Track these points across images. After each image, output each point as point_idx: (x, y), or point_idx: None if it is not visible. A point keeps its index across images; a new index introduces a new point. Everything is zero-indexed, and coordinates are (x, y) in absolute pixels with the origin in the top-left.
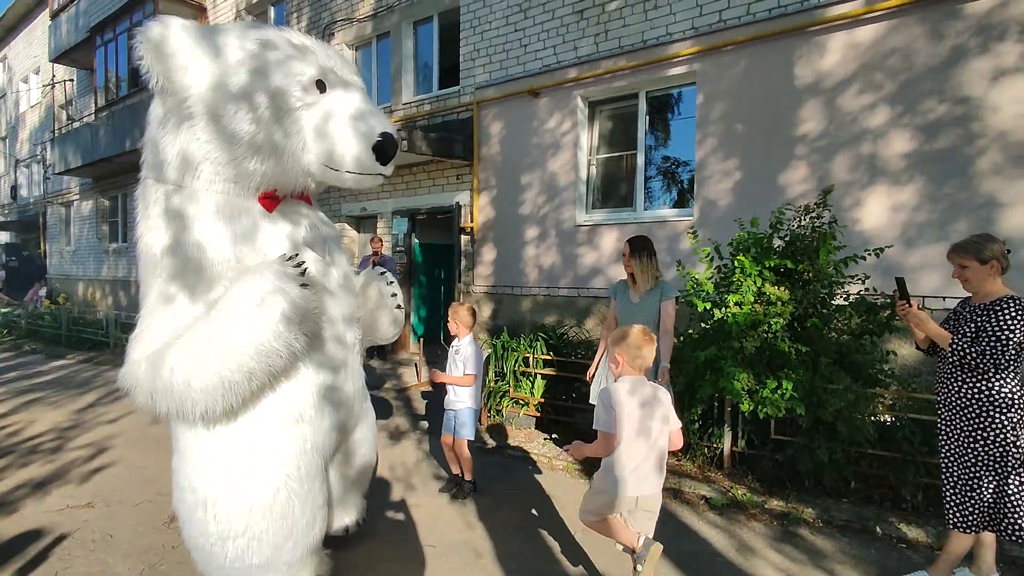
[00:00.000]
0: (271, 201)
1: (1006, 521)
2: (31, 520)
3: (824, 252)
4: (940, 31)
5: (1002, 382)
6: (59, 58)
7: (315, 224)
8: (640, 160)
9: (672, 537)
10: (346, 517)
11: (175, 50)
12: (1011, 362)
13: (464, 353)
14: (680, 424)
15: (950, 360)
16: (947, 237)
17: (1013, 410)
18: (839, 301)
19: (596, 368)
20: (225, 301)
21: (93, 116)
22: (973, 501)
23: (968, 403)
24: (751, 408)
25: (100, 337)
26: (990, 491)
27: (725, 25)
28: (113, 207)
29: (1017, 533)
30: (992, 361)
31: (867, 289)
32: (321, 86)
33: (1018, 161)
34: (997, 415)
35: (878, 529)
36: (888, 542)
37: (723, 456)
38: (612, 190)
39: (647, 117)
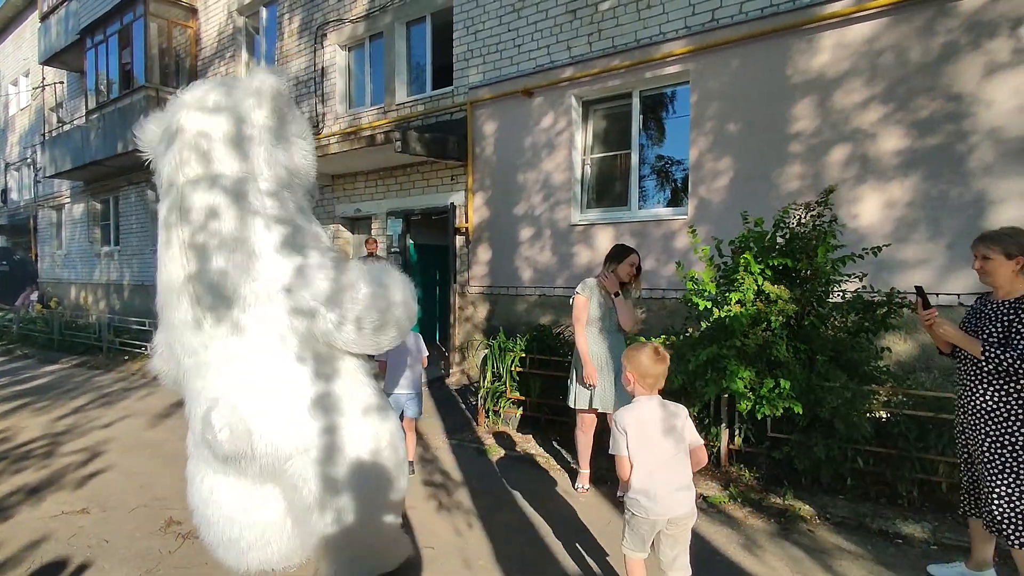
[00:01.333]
0: None
1: None
2: (26, 526)
3: (822, 251)
4: (931, 28)
5: None
6: (49, 60)
7: None
8: (634, 159)
9: None
10: None
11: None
12: None
13: None
14: (702, 441)
15: (980, 365)
16: (940, 234)
17: None
18: (836, 299)
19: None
20: None
21: (84, 119)
22: None
23: (999, 408)
24: (749, 407)
25: (93, 341)
26: None
27: (718, 24)
28: (105, 210)
29: None
30: None
31: (864, 287)
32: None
33: (1011, 157)
34: None
35: (875, 525)
36: (885, 538)
37: (720, 454)
38: (606, 189)
39: (641, 116)
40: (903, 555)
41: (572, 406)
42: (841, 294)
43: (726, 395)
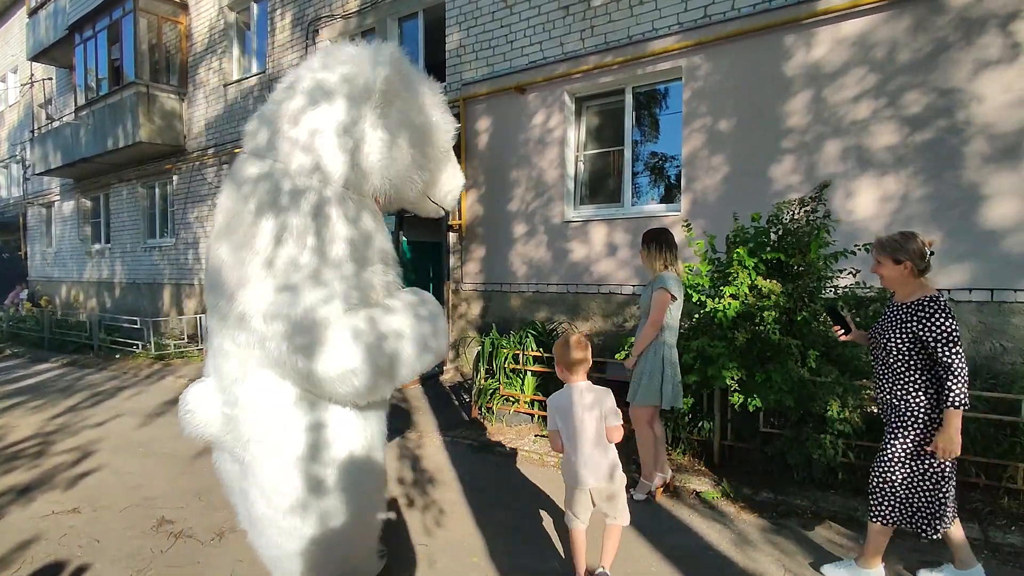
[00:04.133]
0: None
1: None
2: (16, 527)
3: (815, 246)
4: (924, 24)
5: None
6: (37, 56)
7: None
8: (627, 156)
9: (663, 531)
10: None
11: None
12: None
13: None
14: (619, 421)
15: (888, 363)
16: (937, 228)
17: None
18: (828, 295)
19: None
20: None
21: (73, 115)
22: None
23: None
24: (741, 401)
25: (84, 340)
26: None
27: (710, 20)
28: (95, 208)
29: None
30: (947, 362)
31: (857, 283)
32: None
33: (1004, 152)
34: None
35: (866, 519)
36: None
37: (712, 449)
38: (600, 186)
39: (634, 113)
40: (894, 548)
41: (659, 405)
42: (833, 289)
43: (718, 391)
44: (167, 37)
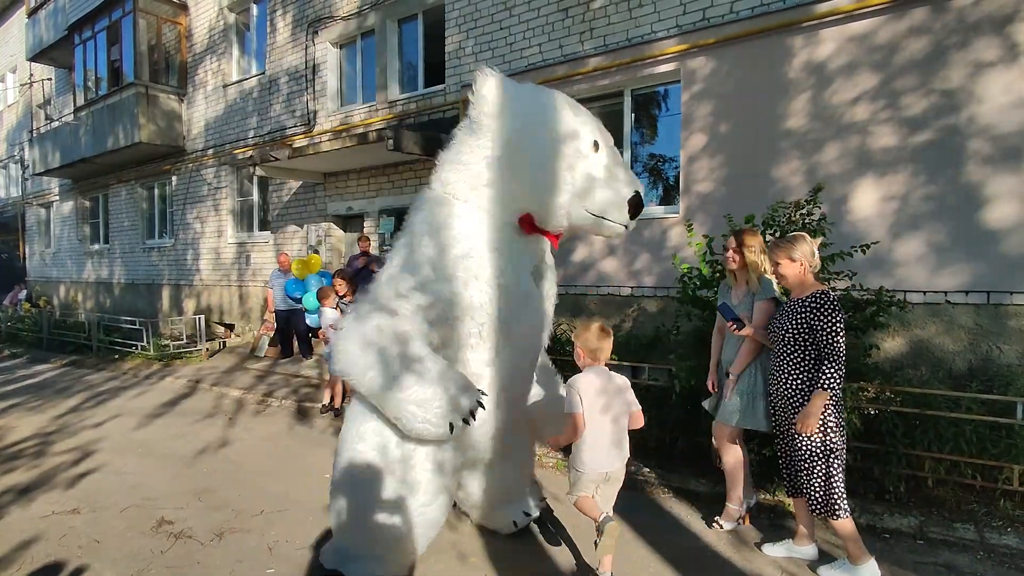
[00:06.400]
0: (529, 225)
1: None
2: (16, 527)
3: None
4: (923, 26)
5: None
6: (37, 57)
7: (545, 259)
8: (626, 157)
9: (662, 532)
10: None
11: (494, 99)
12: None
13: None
14: (639, 407)
15: (785, 354)
16: (937, 230)
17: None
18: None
19: (715, 376)
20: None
21: (72, 116)
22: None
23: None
24: None
25: (82, 340)
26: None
27: (709, 23)
28: (94, 208)
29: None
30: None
31: (853, 286)
32: (596, 147)
33: (1005, 153)
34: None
35: (862, 520)
36: (872, 532)
37: (712, 451)
38: None
39: (632, 115)
40: (890, 549)
41: (748, 427)
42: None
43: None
44: (167, 38)
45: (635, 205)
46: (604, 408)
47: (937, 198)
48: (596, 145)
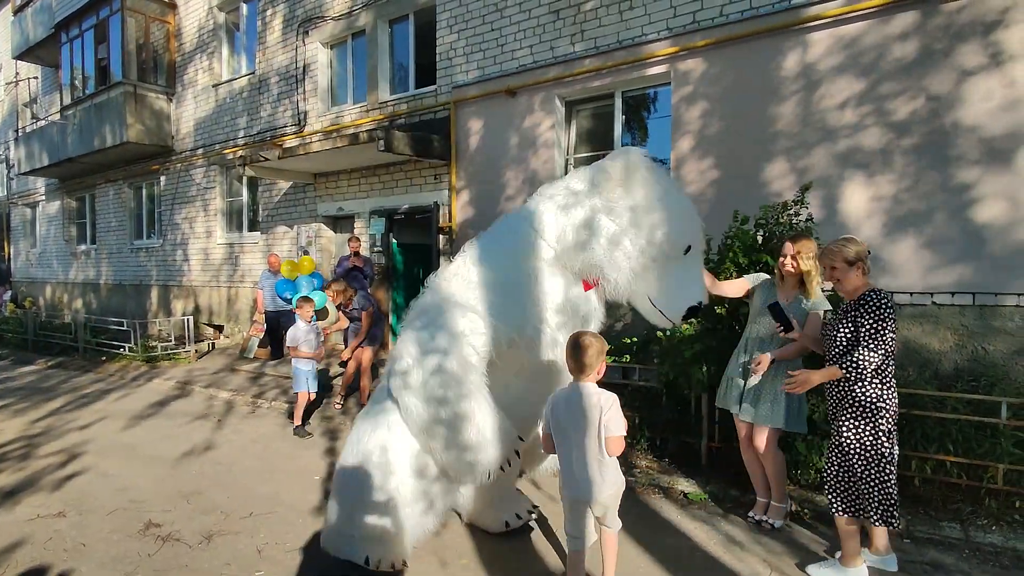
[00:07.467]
0: (587, 287)
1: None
2: (1, 531)
3: None
4: (913, 30)
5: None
6: (22, 55)
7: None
8: None
9: (653, 532)
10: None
11: (621, 175)
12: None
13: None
14: (621, 432)
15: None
16: (924, 232)
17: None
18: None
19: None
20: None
21: (59, 114)
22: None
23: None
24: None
25: (69, 342)
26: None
27: (699, 26)
28: (80, 208)
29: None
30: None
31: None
32: (688, 249)
33: (991, 156)
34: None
35: None
36: (866, 532)
37: (701, 451)
38: None
39: (623, 117)
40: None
41: (794, 431)
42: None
43: (705, 393)
44: (155, 37)
45: (692, 313)
46: (574, 429)
47: (924, 200)
48: (688, 248)
